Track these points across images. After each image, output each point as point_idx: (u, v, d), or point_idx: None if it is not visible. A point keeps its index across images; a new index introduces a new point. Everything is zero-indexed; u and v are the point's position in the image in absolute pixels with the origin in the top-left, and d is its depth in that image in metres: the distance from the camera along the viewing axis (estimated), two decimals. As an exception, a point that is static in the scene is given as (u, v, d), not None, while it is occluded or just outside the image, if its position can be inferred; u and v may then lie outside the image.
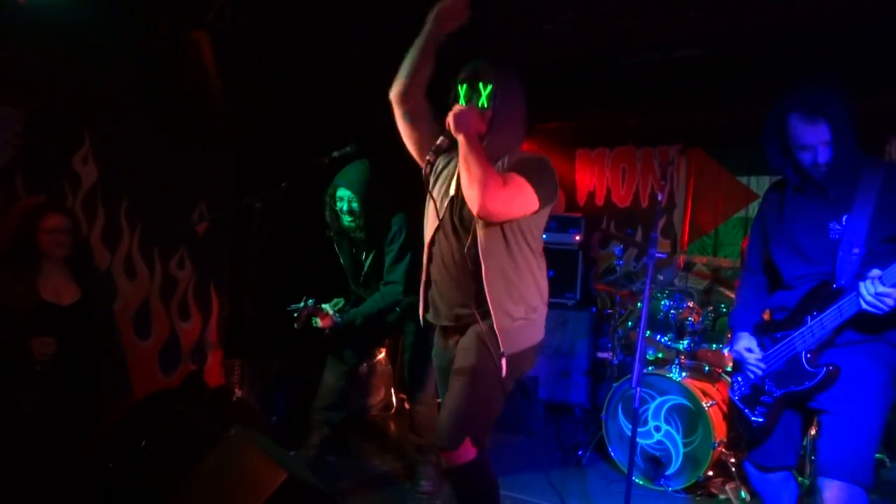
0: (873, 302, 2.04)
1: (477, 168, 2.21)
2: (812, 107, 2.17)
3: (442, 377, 2.62)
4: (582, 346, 5.16)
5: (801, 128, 2.20)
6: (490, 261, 2.33)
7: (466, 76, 2.39)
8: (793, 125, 2.22)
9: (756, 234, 2.54)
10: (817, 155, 2.20)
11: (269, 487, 2.42)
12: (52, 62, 3.29)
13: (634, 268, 5.03)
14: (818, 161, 2.21)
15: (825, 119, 2.16)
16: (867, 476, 2.10)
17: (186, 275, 4.05)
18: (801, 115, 2.19)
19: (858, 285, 2.08)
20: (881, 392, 2.17)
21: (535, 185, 2.30)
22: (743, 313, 2.52)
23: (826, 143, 2.18)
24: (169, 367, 3.97)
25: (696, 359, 4.12)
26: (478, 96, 2.34)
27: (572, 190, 6.02)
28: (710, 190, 5.39)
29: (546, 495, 3.51)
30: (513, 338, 2.38)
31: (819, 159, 2.20)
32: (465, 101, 2.35)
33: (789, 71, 2.30)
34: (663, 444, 3.78)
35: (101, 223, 3.63)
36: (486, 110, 2.33)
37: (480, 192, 2.20)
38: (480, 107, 2.33)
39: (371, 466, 3.90)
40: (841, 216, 2.23)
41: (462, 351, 2.42)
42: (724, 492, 3.66)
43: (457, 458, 2.34)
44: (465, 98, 2.36)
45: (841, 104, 2.18)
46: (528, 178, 2.29)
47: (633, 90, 4.72)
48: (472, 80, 2.36)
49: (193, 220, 4.05)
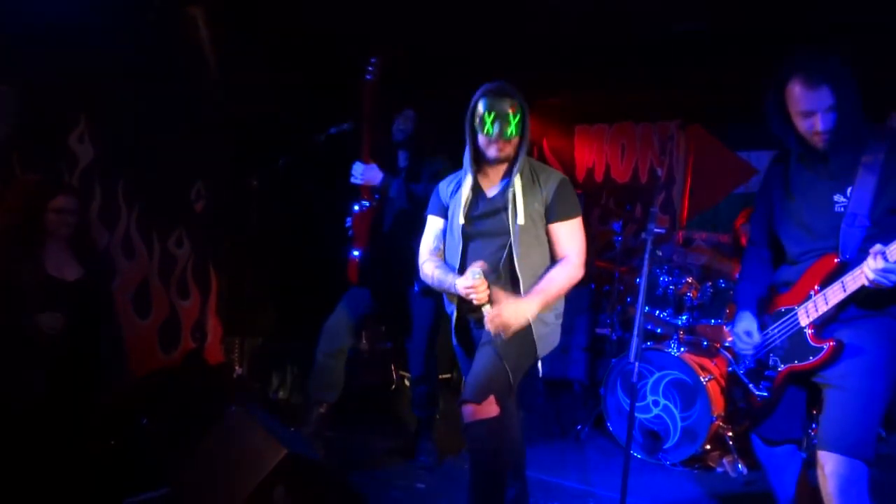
0: (878, 279, 2.01)
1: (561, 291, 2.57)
2: (814, 71, 2.11)
3: (467, 352, 2.74)
4: (581, 323, 5.17)
5: (803, 93, 2.14)
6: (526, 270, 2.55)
7: (493, 107, 2.50)
8: (794, 91, 2.16)
9: (761, 209, 2.51)
10: (819, 122, 2.14)
11: (269, 463, 2.45)
12: (47, 40, 3.25)
13: (633, 244, 5.03)
14: (819, 128, 2.15)
15: (827, 83, 2.10)
16: (869, 451, 2.09)
17: (185, 253, 4.05)
18: (803, 80, 2.13)
19: (862, 261, 2.05)
20: (885, 367, 2.15)
21: (581, 213, 2.64)
22: (747, 287, 2.50)
23: (828, 109, 2.12)
24: (169, 345, 3.98)
25: (694, 334, 4.13)
26: (506, 125, 2.49)
27: (571, 166, 6.00)
28: (709, 165, 5.38)
29: (546, 469, 3.55)
30: (550, 342, 2.65)
31: (820, 126, 2.14)
32: (496, 131, 2.48)
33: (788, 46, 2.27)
34: (661, 418, 3.80)
35: (98, 202, 3.62)
36: (516, 136, 2.53)
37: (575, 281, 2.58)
38: (510, 136, 2.50)
39: (371, 442, 3.93)
40: (845, 189, 2.18)
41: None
42: (722, 465, 3.69)
43: (480, 413, 2.42)
44: (493, 126, 2.48)
45: (843, 70, 2.12)
46: (575, 214, 2.61)
47: (632, 65, 4.68)
48: (500, 111, 2.49)
49: (192, 197, 4.04)
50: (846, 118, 2.12)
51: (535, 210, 2.56)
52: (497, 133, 2.48)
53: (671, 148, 5.44)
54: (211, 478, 2.57)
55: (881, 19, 3.58)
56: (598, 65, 4.74)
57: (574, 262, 2.57)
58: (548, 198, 2.57)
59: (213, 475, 2.57)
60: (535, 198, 2.56)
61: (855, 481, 2.09)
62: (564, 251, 2.59)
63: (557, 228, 2.59)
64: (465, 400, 2.46)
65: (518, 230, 2.53)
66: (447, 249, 2.73)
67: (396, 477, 3.47)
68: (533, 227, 2.57)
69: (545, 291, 2.49)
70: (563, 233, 2.59)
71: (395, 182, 3.37)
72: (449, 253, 2.70)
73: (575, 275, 2.57)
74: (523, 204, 2.54)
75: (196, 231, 4.08)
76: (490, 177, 2.65)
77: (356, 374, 4.66)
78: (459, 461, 3.63)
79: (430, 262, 2.72)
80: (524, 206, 2.54)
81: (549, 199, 2.57)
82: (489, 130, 2.48)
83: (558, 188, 2.58)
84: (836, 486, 2.09)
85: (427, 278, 2.71)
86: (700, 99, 5.05)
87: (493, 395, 2.44)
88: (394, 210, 3.49)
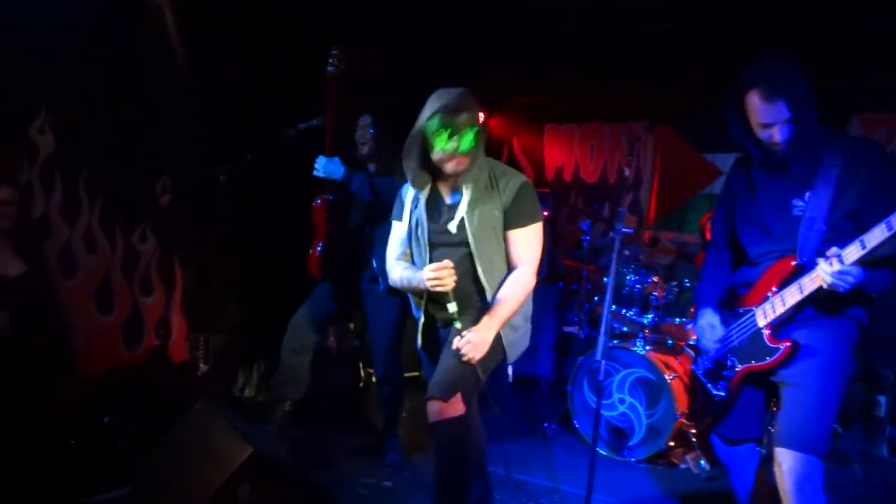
0: (834, 281, 2.06)
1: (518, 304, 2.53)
2: (770, 85, 2.17)
3: (431, 355, 2.71)
4: (549, 321, 5.21)
5: (760, 106, 2.19)
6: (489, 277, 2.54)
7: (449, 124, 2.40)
8: (752, 102, 2.21)
9: (721, 211, 2.56)
10: (777, 133, 2.20)
11: (234, 462, 2.42)
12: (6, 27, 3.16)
13: (601, 243, 5.08)
14: (778, 139, 2.21)
15: (784, 97, 2.16)
16: (824, 447, 2.15)
17: (149, 248, 3.97)
18: (760, 93, 2.19)
19: (817, 262, 2.11)
20: (840, 366, 2.21)
21: (541, 218, 2.59)
22: (707, 288, 2.55)
23: (785, 121, 2.18)
24: (132, 342, 3.90)
25: (659, 332, 4.18)
26: (463, 140, 2.41)
27: (540, 165, 6.04)
28: (676, 166, 5.45)
29: (513, 467, 3.56)
30: (520, 346, 2.66)
31: (779, 137, 2.21)
32: (450, 144, 2.40)
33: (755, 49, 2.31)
34: (627, 415, 3.85)
35: (59, 195, 3.53)
36: (474, 148, 2.45)
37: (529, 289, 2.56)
38: (467, 151, 2.43)
39: (338, 441, 3.90)
40: (804, 193, 2.24)
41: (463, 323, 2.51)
42: (685, 461, 3.75)
43: (446, 412, 2.41)
44: (449, 142, 2.40)
45: (800, 82, 2.18)
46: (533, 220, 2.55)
47: (602, 66, 4.72)
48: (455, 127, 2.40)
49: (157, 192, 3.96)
50: (804, 128, 2.18)
51: (493, 216, 2.52)
52: (453, 149, 2.42)
53: (639, 149, 5.51)
54: (175, 476, 2.53)
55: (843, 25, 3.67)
56: (568, 65, 4.77)
57: (526, 273, 2.55)
58: (507, 202, 2.52)
59: (178, 473, 2.53)
60: (494, 203, 2.52)
61: (810, 477, 2.14)
62: (517, 259, 2.56)
63: (513, 235, 2.55)
64: (431, 397, 2.45)
65: (475, 241, 2.50)
66: (414, 257, 2.69)
67: (363, 475, 3.45)
68: (493, 233, 2.53)
69: (500, 314, 2.48)
70: (519, 239, 2.55)
71: (357, 176, 3.34)
72: (417, 261, 2.67)
73: (528, 284, 2.56)
74: (478, 213, 2.50)
75: (161, 226, 4.00)
76: (448, 182, 2.59)
77: (323, 372, 4.63)
78: (427, 459, 3.62)
79: (398, 265, 2.69)
80: (479, 214, 2.50)
81: (507, 204, 2.52)
82: (445, 148, 2.42)
83: (517, 193, 2.53)
84: (792, 481, 2.14)
85: (396, 283, 2.68)
86: (668, 101, 5.11)
87: (459, 394, 2.43)
88: (360, 205, 3.47)
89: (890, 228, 1.98)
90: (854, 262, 2.05)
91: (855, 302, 2.22)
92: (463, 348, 2.42)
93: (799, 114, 2.16)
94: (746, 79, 2.22)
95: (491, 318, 2.47)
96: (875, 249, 2.03)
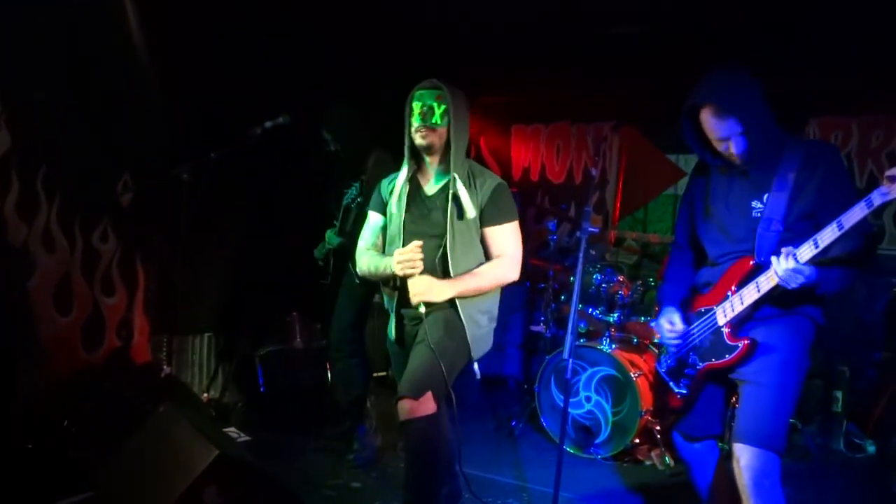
0: (786, 277, 2.11)
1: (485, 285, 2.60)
2: (720, 102, 2.21)
3: (401, 357, 2.73)
4: (516, 320, 5.24)
5: (713, 122, 2.24)
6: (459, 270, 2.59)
7: (420, 98, 2.59)
8: (705, 118, 2.26)
9: (684, 212, 2.61)
10: (733, 145, 2.25)
11: (200, 464, 2.38)
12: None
13: (567, 243, 5.13)
14: (734, 151, 2.26)
15: (734, 114, 2.20)
16: (780, 443, 2.20)
17: (110, 248, 3.88)
18: (711, 110, 2.24)
19: (771, 260, 2.16)
20: (796, 363, 2.26)
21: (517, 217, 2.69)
22: (670, 288, 2.60)
23: (739, 134, 2.23)
24: (92, 344, 3.81)
25: (625, 331, 4.24)
26: (430, 114, 2.57)
27: (507, 165, 6.06)
28: (640, 167, 5.52)
29: (480, 466, 3.58)
30: (483, 345, 2.70)
31: (735, 150, 2.26)
32: (420, 119, 2.57)
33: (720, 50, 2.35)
34: (593, 413, 3.89)
35: (15, 193, 3.43)
36: (441, 127, 2.58)
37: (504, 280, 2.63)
38: (434, 124, 2.57)
39: (305, 441, 3.87)
40: (762, 195, 2.30)
41: (431, 325, 2.55)
42: (650, 458, 3.81)
43: (417, 410, 2.42)
44: (419, 116, 2.57)
45: (750, 95, 2.22)
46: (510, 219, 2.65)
47: (568, 67, 4.76)
48: (425, 101, 2.57)
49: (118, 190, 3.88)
50: (758, 138, 2.23)
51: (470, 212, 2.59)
52: (422, 120, 2.57)
53: (605, 149, 5.57)
54: (138, 480, 2.48)
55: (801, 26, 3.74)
56: (535, 66, 4.80)
57: (506, 261, 2.62)
58: (482, 201, 2.60)
59: (141, 477, 2.48)
60: (472, 200, 2.60)
61: (768, 472, 2.19)
62: (498, 253, 2.63)
63: (492, 232, 2.63)
64: (402, 396, 2.45)
65: (451, 232, 2.56)
66: (387, 246, 2.73)
67: (331, 476, 3.43)
68: (467, 229, 2.60)
69: (465, 280, 2.55)
70: (498, 236, 2.63)
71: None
72: (389, 250, 2.70)
73: (505, 272, 2.62)
74: (458, 206, 2.58)
75: (122, 225, 3.92)
76: (427, 174, 2.69)
77: (289, 373, 4.59)
78: (395, 460, 3.62)
79: (367, 254, 2.74)
80: (463, 207, 2.58)
81: (483, 203, 2.60)
82: (415, 119, 2.58)
83: (493, 192, 2.62)
84: (750, 477, 2.19)
85: (364, 271, 2.73)
86: (633, 101, 5.18)
87: (430, 392, 2.44)
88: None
89: (840, 228, 2.03)
90: (808, 262, 2.09)
91: (810, 301, 2.27)
92: (411, 290, 2.49)
93: (751, 125, 2.21)
94: (697, 97, 2.28)
95: (452, 281, 2.54)
96: (827, 248, 2.08)
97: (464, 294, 2.55)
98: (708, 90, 2.26)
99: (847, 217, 2.01)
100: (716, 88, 2.24)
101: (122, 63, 3.68)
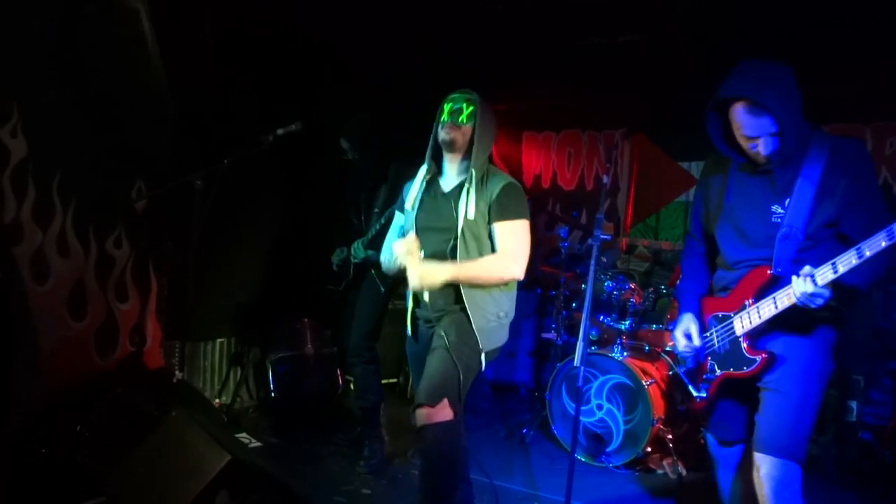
0: (805, 301, 2.06)
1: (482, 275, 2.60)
2: (756, 98, 2.08)
3: (417, 361, 2.76)
4: (527, 327, 5.23)
5: (745, 119, 2.12)
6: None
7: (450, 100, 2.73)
8: (736, 114, 2.15)
9: (698, 209, 2.52)
10: (762, 146, 2.15)
11: (212, 469, 2.39)
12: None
13: (579, 250, 5.11)
14: (763, 152, 2.16)
15: (770, 113, 2.08)
16: (802, 452, 2.15)
17: (124, 254, 3.91)
18: (745, 106, 2.11)
19: (791, 279, 2.09)
20: (819, 370, 2.21)
21: (526, 217, 2.69)
22: (689, 286, 2.53)
23: (771, 135, 2.13)
24: (106, 349, 3.83)
25: (636, 339, 4.22)
26: (458, 113, 2.68)
27: (518, 172, 6.06)
28: (652, 174, 5.51)
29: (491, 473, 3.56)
30: (493, 338, 2.69)
31: (763, 151, 2.16)
32: (449, 116, 2.68)
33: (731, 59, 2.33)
34: (605, 421, 3.87)
35: (31, 200, 3.46)
36: (466, 125, 2.68)
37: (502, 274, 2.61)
38: (461, 122, 2.67)
39: (317, 448, 3.87)
40: (784, 199, 2.20)
41: (444, 329, 2.61)
42: (662, 467, 3.78)
43: (434, 416, 2.45)
44: (448, 115, 2.69)
45: (787, 95, 2.09)
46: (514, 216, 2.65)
47: (579, 74, 4.76)
48: (454, 102, 2.70)
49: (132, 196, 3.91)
50: (790, 140, 2.13)
51: (479, 210, 2.63)
52: (449, 118, 2.68)
53: (616, 156, 5.55)
54: (150, 485, 2.49)
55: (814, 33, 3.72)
56: (546, 74, 4.81)
57: (505, 256, 2.62)
58: (491, 198, 2.65)
59: (153, 482, 2.49)
60: (482, 198, 2.65)
61: (789, 483, 2.15)
62: (501, 249, 2.65)
63: (498, 228, 2.65)
64: (420, 403, 2.48)
65: (462, 227, 2.61)
66: None
67: (342, 482, 3.43)
68: (476, 226, 2.64)
69: (462, 268, 2.58)
70: (503, 232, 2.65)
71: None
72: None
73: (503, 267, 2.62)
74: (474, 201, 2.63)
75: (136, 231, 3.95)
76: (448, 173, 2.77)
77: (302, 380, 4.60)
78: (406, 466, 3.62)
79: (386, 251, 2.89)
80: (474, 204, 2.63)
81: (491, 200, 2.65)
82: (444, 117, 2.69)
83: (502, 190, 2.66)
84: (770, 487, 2.15)
85: (385, 267, 2.86)
86: (644, 109, 5.17)
87: (446, 399, 2.46)
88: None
89: (861, 257, 1.96)
90: (826, 285, 2.04)
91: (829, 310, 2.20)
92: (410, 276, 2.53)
93: (784, 126, 2.10)
94: (731, 90, 2.15)
95: (450, 265, 2.58)
96: (845, 276, 2.01)
97: (458, 278, 2.57)
98: (743, 83, 2.11)
99: (868, 245, 1.95)
100: (753, 83, 2.10)
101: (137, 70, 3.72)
